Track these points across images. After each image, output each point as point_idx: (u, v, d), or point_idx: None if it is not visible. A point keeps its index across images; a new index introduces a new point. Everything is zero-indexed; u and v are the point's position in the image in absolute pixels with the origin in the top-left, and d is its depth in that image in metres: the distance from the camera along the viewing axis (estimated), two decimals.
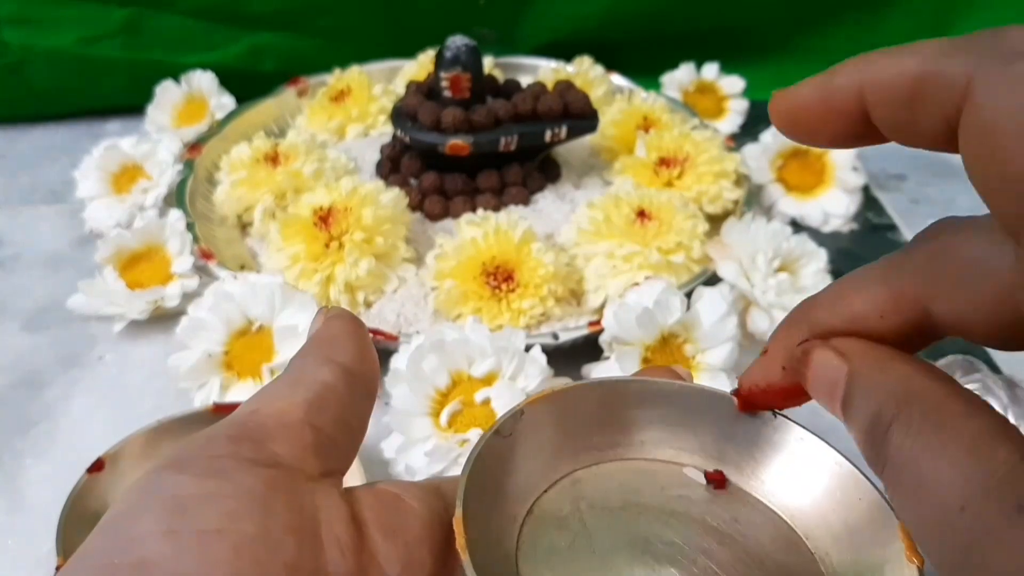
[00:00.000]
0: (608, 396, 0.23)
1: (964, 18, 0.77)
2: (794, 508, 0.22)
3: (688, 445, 0.23)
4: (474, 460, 0.21)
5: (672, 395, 0.23)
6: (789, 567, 0.21)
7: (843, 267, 0.55)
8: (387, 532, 0.20)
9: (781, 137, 0.61)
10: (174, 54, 0.71)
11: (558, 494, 0.22)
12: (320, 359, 0.22)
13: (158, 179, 0.58)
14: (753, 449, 0.23)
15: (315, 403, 0.21)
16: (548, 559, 0.21)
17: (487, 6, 0.75)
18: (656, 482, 0.23)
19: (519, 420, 0.22)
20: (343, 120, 0.66)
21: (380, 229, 0.49)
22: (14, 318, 0.53)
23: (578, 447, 0.23)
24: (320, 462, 0.20)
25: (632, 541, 0.21)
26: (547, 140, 0.55)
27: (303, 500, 0.19)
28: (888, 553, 0.20)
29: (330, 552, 0.18)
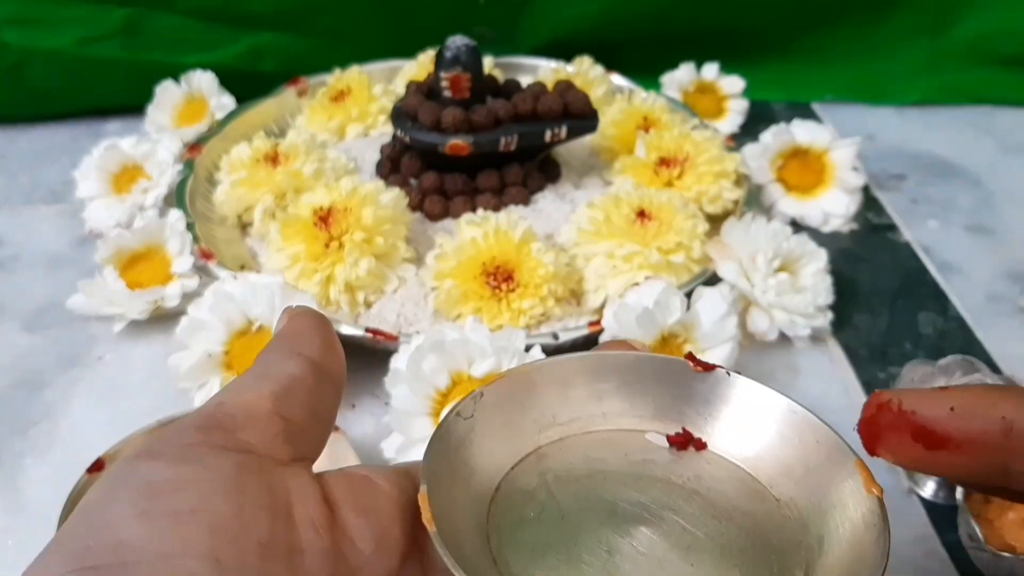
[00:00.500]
0: (567, 373, 0.24)
1: (964, 18, 0.77)
2: (754, 459, 0.23)
3: (648, 412, 0.24)
4: (436, 441, 0.21)
5: (628, 366, 0.24)
6: (755, 515, 0.22)
7: (843, 267, 0.55)
8: (359, 510, 0.20)
9: (781, 137, 0.61)
10: (174, 54, 0.71)
11: (524, 470, 0.23)
12: (286, 353, 0.22)
13: (158, 179, 0.58)
14: (710, 408, 0.24)
15: (282, 394, 0.21)
16: (517, 530, 0.21)
17: (487, 6, 0.75)
18: (620, 449, 0.23)
19: (479, 401, 0.23)
20: (343, 120, 0.66)
21: (380, 229, 0.49)
22: (14, 318, 0.53)
23: (541, 424, 0.23)
24: (290, 449, 0.20)
25: (599, 506, 0.22)
26: (547, 140, 0.55)
27: (274, 481, 0.19)
28: (848, 488, 0.21)
29: (303, 529, 0.19)
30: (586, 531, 0.21)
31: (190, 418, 0.20)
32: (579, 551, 0.20)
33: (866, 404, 0.21)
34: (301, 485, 0.20)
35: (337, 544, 0.19)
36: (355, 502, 0.20)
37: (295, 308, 0.24)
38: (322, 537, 0.19)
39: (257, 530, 0.18)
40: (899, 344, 0.51)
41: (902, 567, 0.39)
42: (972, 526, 0.35)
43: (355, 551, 0.20)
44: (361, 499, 0.21)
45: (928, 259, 0.59)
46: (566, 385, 0.24)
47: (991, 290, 0.56)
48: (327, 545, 0.19)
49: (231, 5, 0.72)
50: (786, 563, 0.20)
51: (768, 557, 0.21)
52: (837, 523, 0.21)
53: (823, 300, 0.50)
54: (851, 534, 0.20)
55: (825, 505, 0.21)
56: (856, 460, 0.21)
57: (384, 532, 0.20)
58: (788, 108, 0.76)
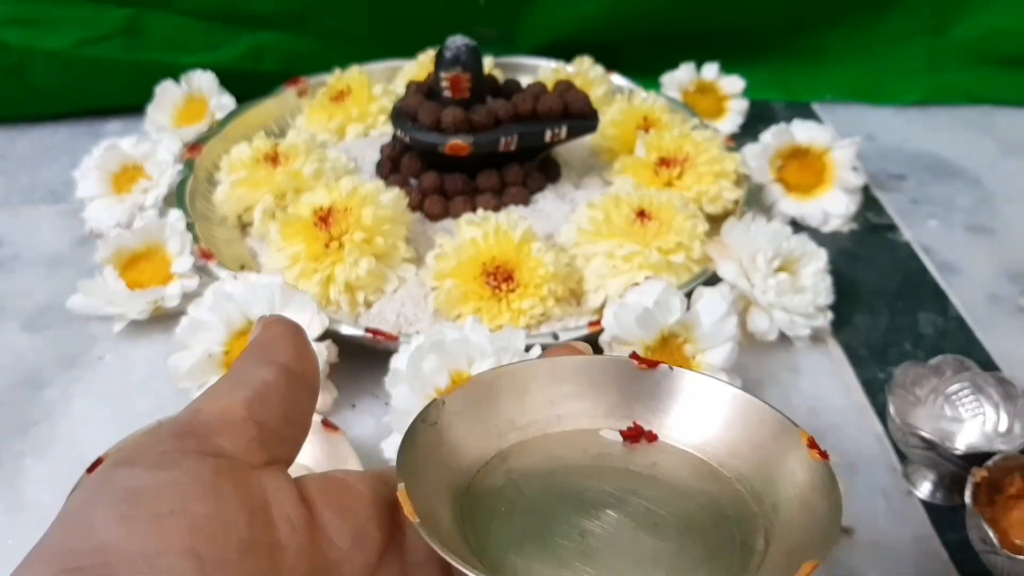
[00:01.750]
0: (520, 379, 0.25)
1: (964, 18, 0.77)
2: (704, 444, 0.24)
3: (600, 411, 0.26)
4: (406, 445, 0.22)
5: (578, 369, 0.26)
6: (711, 492, 0.23)
7: (843, 267, 0.55)
8: (335, 509, 0.21)
9: (781, 137, 0.61)
10: (174, 54, 0.71)
11: (489, 471, 0.24)
12: (259, 360, 0.23)
13: (158, 179, 0.58)
14: (658, 402, 0.25)
15: (256, 400, 0.21)
16: (491, 524, 0.22)
17: (487, 6, 0.75)
18: (577, 447, 0.25)
19: (441, 409, 0.24)
20: (343, 120, 0.66)
21: (380, 229, 0.49)
22: (14, 318, 0.53)
23: (501, 429, 0.25)
24: (265, 453, 0.21)
25: (566, 496, 0.23)
26: (547, 140, 0.55)
27: (251, 483, 0.20)
28: (795, 458, 0.22)
29: (282, 527, 0.19)
30: (557, 519, 0.22)
31: (166, 426, 0.21)
32: (553, 537, 0.21)
33: None
34: (277, 486, 0.20)
35: (315, 541, 0.20)
36: (331, 501, 0.21)
37: (268, 317, 0.25)
38: (300, 534, 0.19)
39: (236, 528, 0.18)
40: (899, 344, 0.51)
41: (902, 567, 0.39)
42: (985, 529, 0.35)
43: (333, 547, 0.20)
44: (336, 498, 0.21)
45: (928, 259, 0.59)
46: (522, 391, 0.25)
47: (991, 290, 0.56)
48: (305, 542, 0.19)
49: (231, 5, 0.72)
50: (746, 530, 0.22)
51: (729, 528, 0.22)
52: (788, 490, 0.22)
53: (823, 300, 0.50)
54: (802, 497, 0.21)
55: (775, 476, 0.22)
56: (800, 432, 0.22)
57: (360, 529, 0.21)
58: (788, 108, 0.76)
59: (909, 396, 0.43)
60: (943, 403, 0.42)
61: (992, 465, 0.37)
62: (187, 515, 0.18)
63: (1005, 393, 0.42)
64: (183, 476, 0.19)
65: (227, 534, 0.18)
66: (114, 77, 0.71)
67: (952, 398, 0.42)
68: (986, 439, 0.41)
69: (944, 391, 0.42)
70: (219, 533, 0.18)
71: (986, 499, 0.37)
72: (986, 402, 0.42)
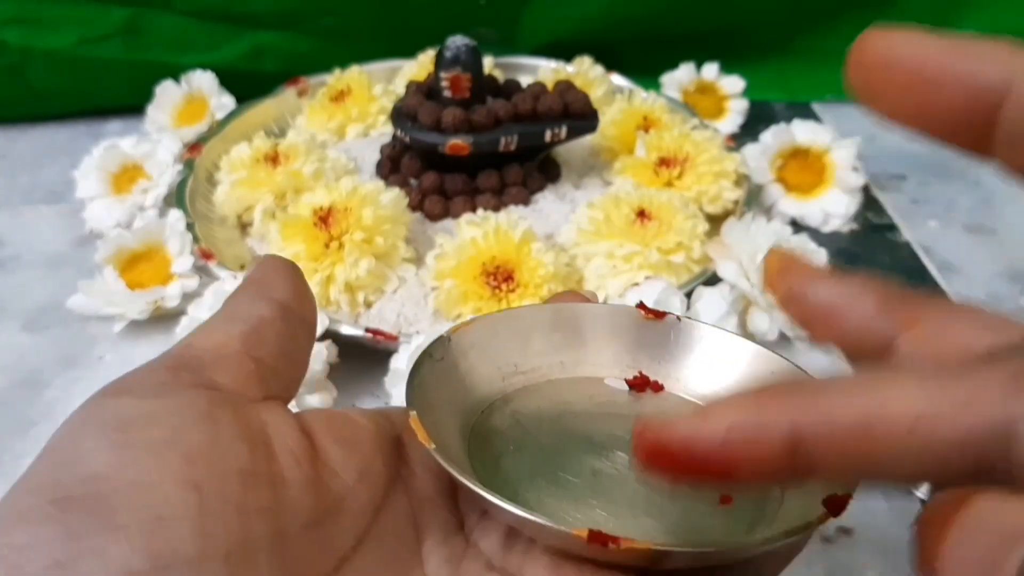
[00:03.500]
0: (524, 323, 0.25)
1: (964, 18, 0.77)
2: (710, 394, 0.24)
3: (604, 359, 0.25)
4: (414, 378, 0.22)
5: (583, 316, 0.25)
6: None
7: (843, 267, 0.55)
8: (340, 443, 0.20)
9: (781, 137, 0.61)
10: (174, 54, 0.71)
11: (494, 412, 0.24)
12: (254, 296, 0.22)
13: (158, 179, 0.58)
14: (664, 352, 0.25)
15: (252, 336, 0.20)
16: (500, 462, 0.22)
17: (487, 6, 0.75)
18: (583, 393, 0.24)
19: (447, 345, 0.23)
20: (343, 120, 0.66)
21: (380, 229, 0.49)
22: (14, 318, 0.53)
23: (505, 371, 0.24)
24: (263, 388, 0.20)
25: (574, 437, 0.23)
26: (547, 140, 0.55)
27: (249, 415, 0.19)
28: None
29: (284, 460, 0.18)
30: (566, 458, 0.22)
31: (158, 360, 0.19)
32: (563, 474, 0.21)
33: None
34: (277, 419, 0.19)
35: (319, 474, 0.19)
36: (335, 435, 0.20)
37: (265, 255, 0.23)
38: (304, 467, 0.18)
39: (236, 459, 0.17)
40: None
41: (902, 567, 0.39)
42: None
43: (338, 481, 0.19)
44: (341, 432, 0.20)
45: (928, 259, 0.59)
46: (526, 335, 0.25)
47: (991, 290, 0.56)
48: (310, 474, 0.18)
49: (231, 5, 0.72)
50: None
51: None
52: None
53: None
54: None
55: None
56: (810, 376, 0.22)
57: (366, 464, 0.20)
58: (788, 108, 0.76)
59: None
60: None
61: None
62: (183, 444, 0.17)
63: None
64: (178, 405, 0.18)
65: (226, 464, 0.17)
66: (114, 77, 0.71)
67: None
68: None
69: None
70: (218, 463, 0.17)
71: None
72: None
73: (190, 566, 0.15)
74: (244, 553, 0.16)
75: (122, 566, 0.15)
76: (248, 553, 0.16)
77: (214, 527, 0.16)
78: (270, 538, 0.17)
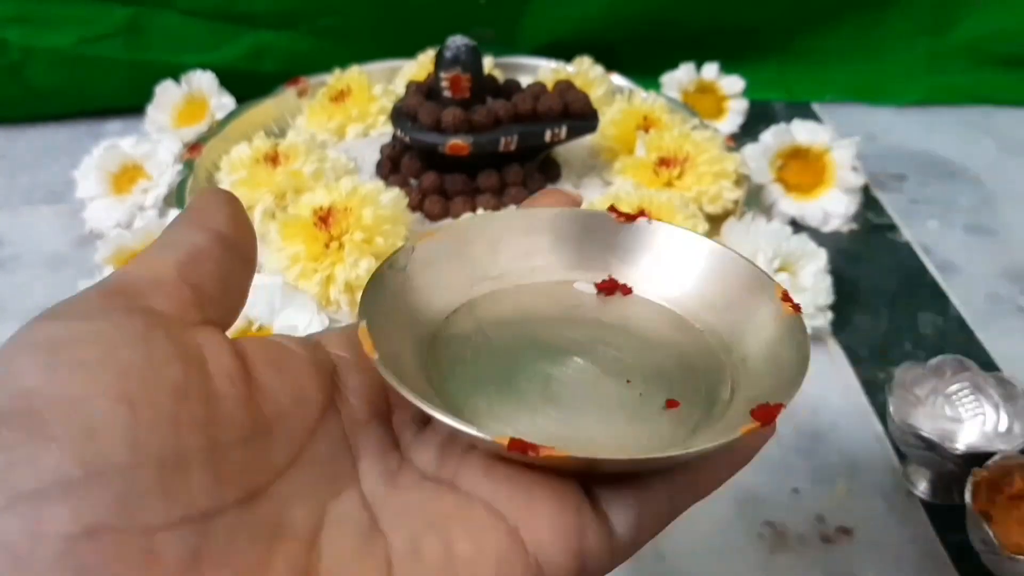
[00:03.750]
0: (496, 229, 0.25)
1: (964, 18, 0.77)
2: (678, 298, 0.24)
3: (575, 263, 0.25)
4: (370, 289, 0.22)
5: (554, 221, 0.25)
6: (681, 344, 0.23)
7: (843, 267, 0.55)
8: (274, 367, 0.20)
9: (781, 137, 0.61)
10: (174, 54, 0.71)
11: (458, 318, 0.24)
12: (190, 225, 0.21)
13: (158, 179, 0.58)
14: (634, 255, 0.25)
15: (188, 263, 0.20)
16: (455, 368, 0.22)
17: (487, 6, 0.75)
18: (550, 298, 0.25)
19: (410, 256, 0.23)
20: (343, 120, 0.66)
21: (380, 229, 0.49)
22: (14, 318, 0.53)
23: (473, 278, 0.24)
24: (199, 313, 0.20)
25: (534, 343, 0.23)
26: (547, 140, 0.55)
27: (184, 336, 0.19)
28: (768, 312, 0.22)
29: (218, 379, 0.18)
30: (522, 364, 0.22)
31: (92, 287, 0.19)
32: (517, 381, 0.21)
33: None
34: (212, 341, 0.19)
35: (253, 394, 0.19)
36: (268, 359, 0.20)
37: (204, 188, 0.23)
38: (237, 386, 0.18)
39: (170, 375, 0.17)
40: (899, 344, 0.51)
41: (902, 567, 0.39)
42: (985, 530, 0.35)
43: (271, 402, 0.19)
44: (274, 357, 0.20)
45: (928, 259, 0.59)
46: (495, 241, 0.25)
47: (991, 290, 0.56)
48: (243, 394, 0.18)
49: (231, 5, 0.72)
50: (712, 381, 0.22)
51: (695, 377, 0.22)
52: (758, 343, 0.22)
53: (823, 300, 0.50)
54: (771, 350, 0.21)
55: (747, 329, 0.22)
56: (775, 284, 0.22)
57: (299, 388, 0.20)
58: (788, 108, 0.76)
59: (909, 396, 0.43)
60: (943, 403, 0.43)
61: (992, 465, 0.37)
62: (115, 362, 0.17)
63: (1005, 393, 0.42)
64: (111, 326, 0.18)
65: (160, 380, 0.17)
66: (114, 77, 0.71)
67: (952, 398, 0.42)
68: (986, 439, 0.41)
69: (944, 391, 0.43)
70: (151, 379, 0.17)
71: (986, 499, 0.37)
72: (986, 402, 0.42)
73: (122, 473, 0.16)
74: (177, 462, 0.16)
75: (55, 474, 0.15)
76: (181, 462, 0.16)
77: (146, 437, 0.16)
78: (203, 449, 0.17)
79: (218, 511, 0.17)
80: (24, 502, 0.15)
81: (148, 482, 0.16)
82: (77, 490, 0.15)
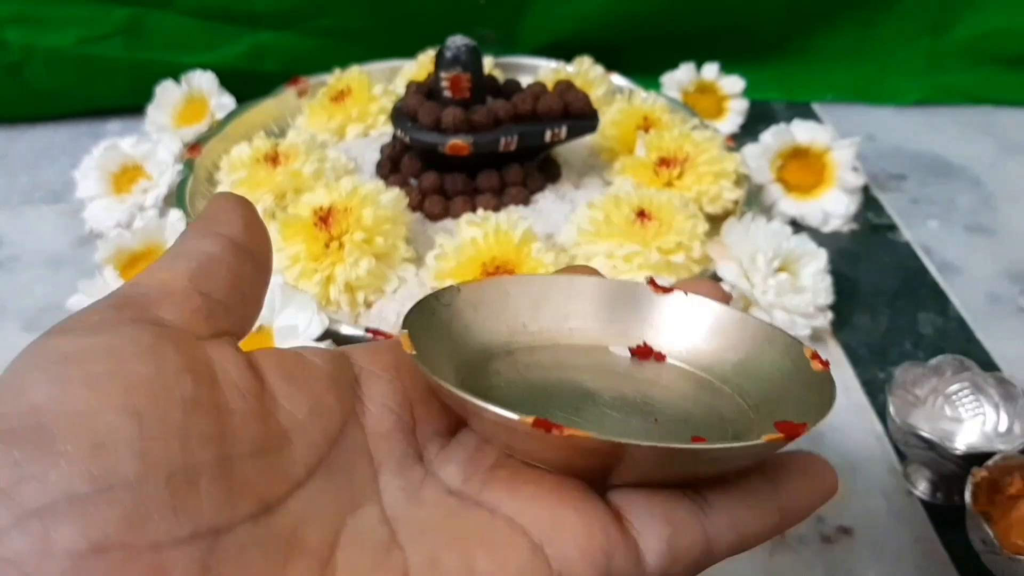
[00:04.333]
0: (537, 290, 0.26)
1: (964, 18, 0.77)
2: (710, 365, 0.25)
3: (612, 331, 0.26)
4: (415, 312, 0.22)
5: (596, 288, 0.26)
6: (711, 401, 0.24)
7: (843, 267, 0.55)
8: (290, 380, 0.20)
9: (781, 137, 0.61)
10: (174, 54, 0.71)
11: (493, 357, 0.24)
12: (202, 233, 0.21)
13: (158, 179, 0.58)
14: (670, 325, 0.26)
15: (200, 272, 0.20)
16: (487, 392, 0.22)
17: (487, 6, 0.75)
18: (585, 356, 0.25)
19: (456, 295, 0.24)
20: (343, 120, 0.66)
21: (380, 229, 0.49)
22: (14, 318, 0.53)
23: (512, 329, 0.25)
24: (211, 324, 0.20)
25: (565, 384, 0.24)
26: (547, 140, 0.55)
27: (194, 350, 0.18)
28: (798, 372, 0.23)
29: (229, 392, 0.18)
30: (554, 397, 0.23)
31: (103, 299, 0.19)
32: (547, 408, 0.22)
33: None
34: (224, 354, 0.19)
35: (266, 407, 0.19)
36: (284, 372, 0.20)
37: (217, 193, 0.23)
38: (249, 400, 0.18)
39: (179, 388, 0.17)
40: (899, 344, 0.51)
41: (902, 567, 0.39)
42: (986, 530, 0.35)
43: (286, 415, 0.19)
44: (291, 370, 0.20)
45: (928, 259, 0.59)
46: (538, 300, 0.26)
47: (991, 290, 0.56)
48: (255, 407, 0.18)
49: (231, 5, 0.72)
50: (739, 428, 0.22)
51: (722, 424, 0.23)
52: (788, 398, 0.22)
53: (823, 300, 0.50)
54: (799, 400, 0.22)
55: (777, 389, 0.23)
56: (805, 348, 0.23)
57: (317, 400, 0.20)
58: (788, 108, 0.76)
59: (909, 396, 0.43)
60: (943, 403, 0.42)
61: (992, 465, 0.37)
62: (124, 375, 0.17)
63: (1005, 393, 0.42)
64: (120, 340, 0.18)
65: (169, 394, 0.17)
66: (114, 77, 0.71)
67: (952, 398, 0.42)
68: (986, 439, 0.41)
69: (944, 391, 0.42)
70: (160, 392, 0.17)
71: (986, 499, 0.37)
72: (986, 402, 0.42)
73: (131, 488, 0.15)
74: (186, 476, 0.16)
75: (64, 489, 0.15)
76: (190, 476, 0.16)
77: (155, 451, 0.16)
78: (213, 463, 0.17)
79: (229, 526, 0.17)
80: (33, 519, 0.15)
81: (157, 497, 0.16)
82: (85, 506, 0.15)
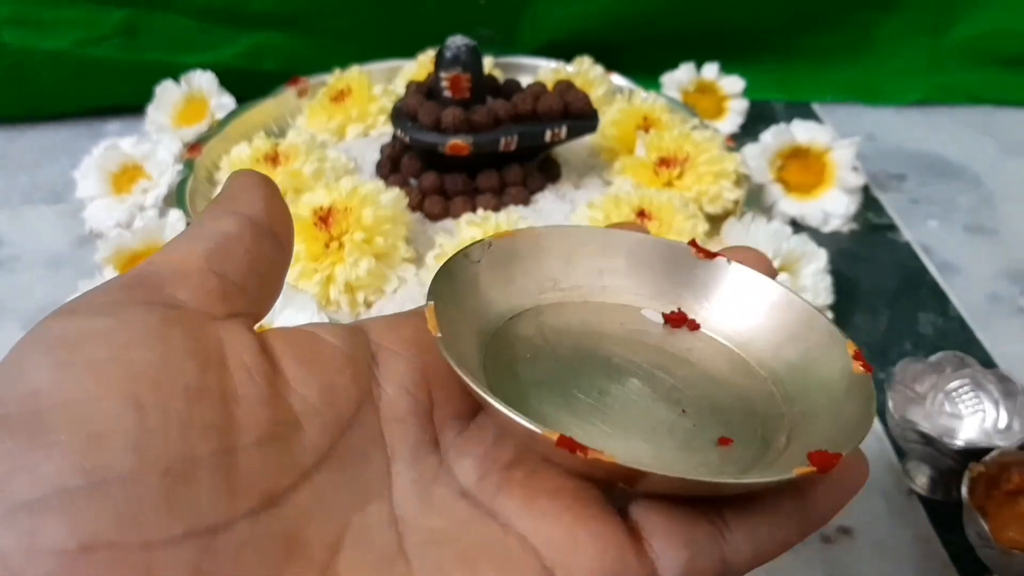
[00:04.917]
0: (574, 242, 0.25)
1: (964, 19, 0.77)
2: (747, 342, 0.24)
3: (647, 291, 0.25)
4: (441, 275, 0.22)
5: (634, 245, 0.25)
6: (742, 385, 0.23)
7: (843, 267, 0.55)
8: (302, 361, 0.19)
9: (781, 137, 0.61)
10: (174, 54, 0.71)
11: (522, 320, 0.23)
12: (221, 212, 0.21)
13: (158, 179, 0.58)
14: (708, 293, 0.25)
15: (216, 252, 0.20)
16: (513, 366, 0.22)
17: (487, 6, 0.75)
18: (616, 318, 0.24)
19: (487, 250, 0.23)
20: (343, 120, 0.66)
21: (380, 229, 0.49)
22: (14, 318, 0.53)
23: (542, 285, 0.24)
24: (227, 305, 0.19)
25: (593, 357, 0.23)
26: (547, 140, 0.55)
27: (204, 332, 0.18)
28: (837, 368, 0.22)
29: (237, 376, 0.18)
30: (579, 375, 0.22)
31: (117, 278, 0.19)
32: (572, 389, 0.21)
33: None
34: (235, 336, 0.18)
35: (277, 391, 0.18)
36: (297, 353, 0.19)
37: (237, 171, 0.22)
38: (259, 384, 0.18)
39: (183, 376, 0.17)
40: (899, 344, 0.51)
41: (902, 567, 0.39)
42: (981, 524, 0.35)
43: (297, 399, 0.18)
44: (304, 351, 0.19)
45: (928, 259, 0.59)
46: (571, 254, 0.25)
47: (991, 290, 0.56)
48: (265, 392, 0.18)
49: (231, 5, 0.72)
50: (770, 428, 0.21)
51: (753, 420, 0.21)
52: (824, 398, 0.21)
53: (823, 300, 0.50)
54: (835, 406, 0.21)
55: (813, 383, 0.22)
56: (848, 342, 0.22)
57: (330, 381, 0.19)
58: (788, 108, 0.76)
59: (909, 392, 0.43)
60: (943, 399, 0.43)
61: (989, 461, 0.37)
62: (127, 361, 0.16)
63: (1005, 390, 0.42)
64: (125, 323, 0.17)
65: (173, 381, 0.16)
66: (114, 77, 0.71)
67: (952, 395, 0.42)
68: (985, 435, 0.41)
69: (944, 387, 0.43)
70: (163, 380, 0.16)
71: (983, 494, 0.37)
72: (986, 399, 0.42)
73: (125, 483, 0.15)
74: (185, 470, 0.16)
75: (55, 483, 0.15)
76: (189, 470, 0.16)
77: (152, 443, 0.16)
78: (215, 455, 0.16)
79: (226, 524, 0.16)
80: (22, 513, 0.14)
81: (152, 493, 0.15)
82: (76, 501, 0.15)
